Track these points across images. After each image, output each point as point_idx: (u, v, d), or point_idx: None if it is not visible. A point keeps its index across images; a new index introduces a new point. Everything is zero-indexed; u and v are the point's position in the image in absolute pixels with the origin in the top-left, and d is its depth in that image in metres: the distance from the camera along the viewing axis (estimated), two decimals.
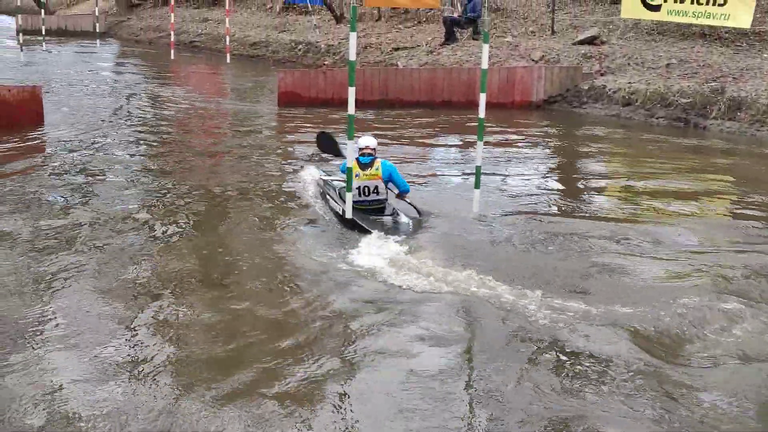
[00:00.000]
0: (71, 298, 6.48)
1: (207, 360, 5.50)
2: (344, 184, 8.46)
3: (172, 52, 27.03)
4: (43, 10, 32.34)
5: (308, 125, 14.64)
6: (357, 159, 8.44)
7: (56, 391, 5.03)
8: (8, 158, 11.73)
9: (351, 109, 8.19)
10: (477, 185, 8.97)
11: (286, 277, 7.07)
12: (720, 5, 17.04)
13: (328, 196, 9.11)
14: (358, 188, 8.44)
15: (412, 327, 6.08)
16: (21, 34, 28.90)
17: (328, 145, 10.73)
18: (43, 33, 29.81)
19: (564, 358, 5.60)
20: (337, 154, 10.44)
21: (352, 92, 8.14)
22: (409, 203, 8.86)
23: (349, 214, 8.21)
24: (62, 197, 9.57)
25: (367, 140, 8.69)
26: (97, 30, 33.11)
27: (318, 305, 6.46)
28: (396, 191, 8.82)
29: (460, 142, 13.90)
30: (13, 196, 9.62)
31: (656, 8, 17.98)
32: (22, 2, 30.65)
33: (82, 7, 44.80)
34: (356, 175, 8.34)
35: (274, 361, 5.47)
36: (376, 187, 8.46)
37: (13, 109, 13.88)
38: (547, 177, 11.60)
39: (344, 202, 8.28)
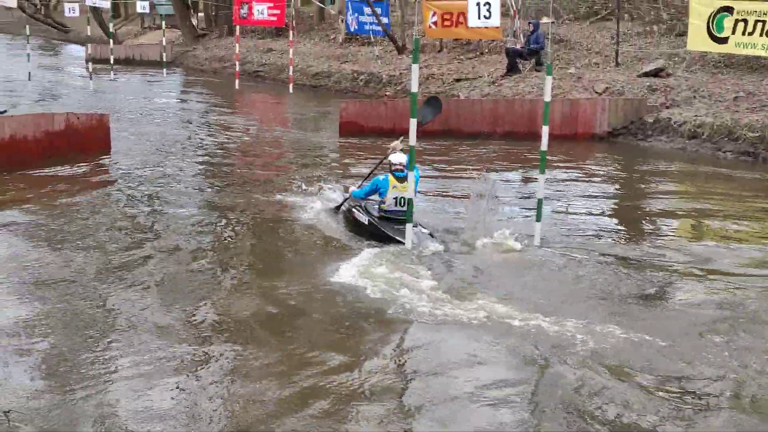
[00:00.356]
0: (133, 336, 6.49)
1: (270, 401, 5.46)
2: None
3: (237, 81, 27.34)
4: (111, 40, 32.96)
5: (369, 156, 14.67)
6: (393, 173, 9.19)
7: (117, 428, 5.03)
8: (75, 185, 11.93)
9: (412, 140, 8.18)
10: (538, 218, 8.90)
11: (348, 318, 7.02)
12: None
13: (354, 210, 9.66)
14: (395, 198, 9.19)
15: (481, 368, 6.07)
16: (90, 63, 29.55)
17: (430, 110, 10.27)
18: (112, 62, 30.37)
19: (613, 384, 5.56)
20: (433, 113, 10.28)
21: (413, 123, 8.13)
22: None
23: (409, 245, 8.28)
24: (127, 226, 9.66)
25: (401, 157, 9.25)
26: (164, 59, 33.63)
27: (377, 345, 6.42)
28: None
29: (522, 174, 13.81)
30: (78, 224, 9.78)
31: (723, 40, 17.69)
32: (92, 32, 31.27)
33: (150, 36, 45.63)
34: (393, 186, 9.16)
35: (337, 405, 5.42)
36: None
37: (82, 136, 14.13)
38: (609, 210, 11.46)
39: (369, 213, 9.36)
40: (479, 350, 6.26)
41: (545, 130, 8.81)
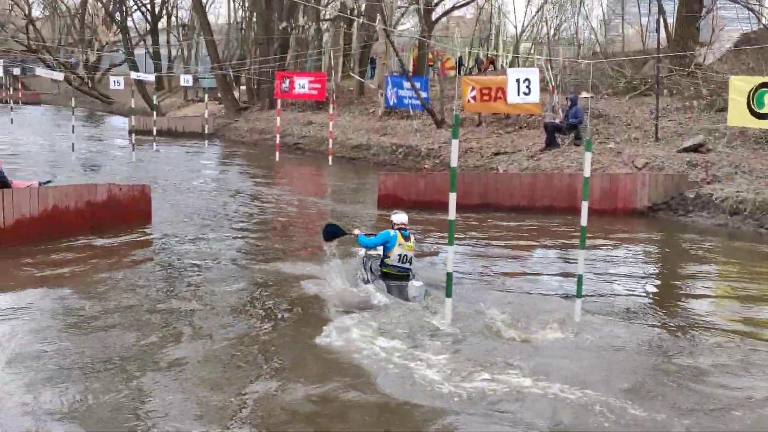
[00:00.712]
0: (176, 393, 6.47)
1: None
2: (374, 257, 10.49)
3: (277, 153, 27.62)
4: (154, 112, 33.56)
5: (409, 229, 14.67)
6: (400, 232, 9.97)
7: None
8: (116, 257, 12.04)
9: (452, 214, 8.17)
10: (579, 294, 8.80)
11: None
12: None
13: (365, 268, 10.53)
14: (400, 255, 9.93)
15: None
16: (133, 134, 30.06)
17: (332, 233, 10.83)
18: (154, 133, 30.87)
19: None
20: (342, 234, 10.89)
21: (453, 198, 8.14)
22: None
23: (448, 321, 8.24)
24: (163, 308, 9.63)
25: (403, 217, 10.19)
26: (205, 131, 34.14)
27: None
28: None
29: (561, 248, 13.70)
30: (120, 290, 9.85)
31: (764, 116, 17.58)
32: (135, 104, 31.86)
33: (192, 108, 46.37)
34: (399, 244, 9.90)
35: None
36: (412, 257, 9.98)
37: (124, 207, 14.29)
38: (649, 287, 11.31)
39: (372, 272, 10.21)
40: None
41: (585, 206, 8.76)
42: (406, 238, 9.96)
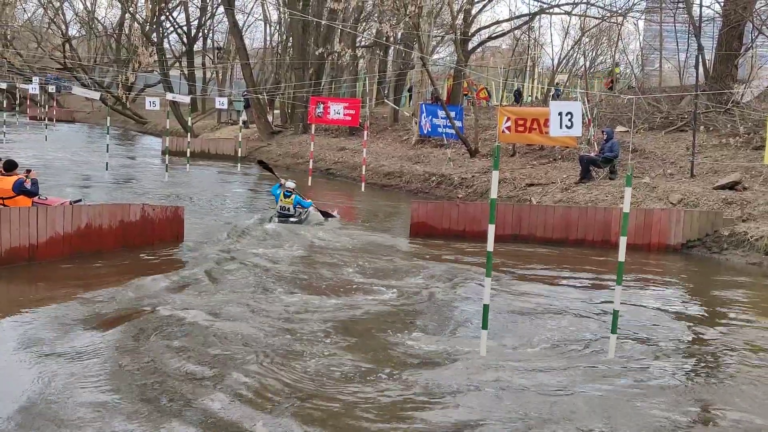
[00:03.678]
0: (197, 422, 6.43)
1: None
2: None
3: (309, 178, 27.67)
4: (188, 134, 33.77)
5: (442, 256, 14.63)
6: (284, 192, 17.72)
7: None
8: (149, 273, 12.06)
9: (490, 245, 8.11)
10: (614, 330, 8.70)
11: None
12: None
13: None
14: (281, 206, 17.78)
15: None
16: (167, 155, 30.23)
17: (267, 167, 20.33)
18: (188, 154, 31.04)
19: None
20: (271, 171, 20.43)
21: (491, 229, 8.08)
22: (319, 210, 18.93)
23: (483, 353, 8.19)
24: (195, 318, 9.67)
25: (291, 184, 18.04)
26: (238, 154, 34.29)
27: None
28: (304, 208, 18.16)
29: (594, 283, 13.57)
30: (148, 310, 9.83)
31: None
32: (170, 125, 32.10)
33: (226, 131, 46.63)
34: (281, 199, 17.75)
35: None
36: (290, 208, 17.74)
37: (156, 226, 14.37)
38: (684, 325, 11.14)
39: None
40: None
41: (623, 241, 8.66)
42: (287, 197, 17.68)
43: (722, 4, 26.97)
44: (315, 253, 15.12)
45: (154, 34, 55.17)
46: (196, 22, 58.25)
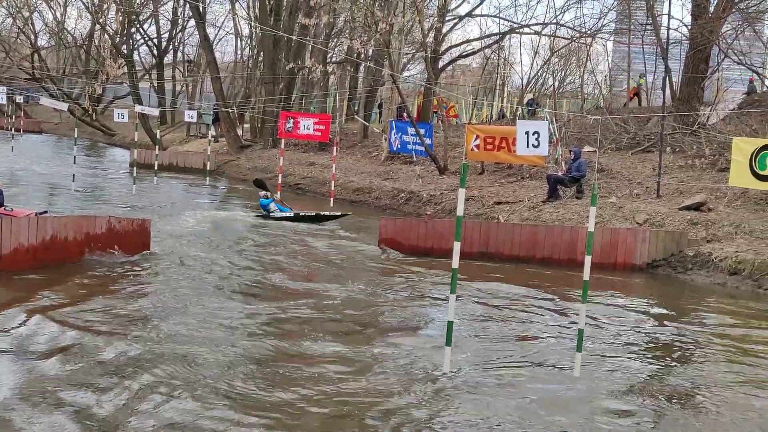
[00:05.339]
0: None
1: None
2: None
3: (279, 193, 27.58)
4: (157, 146, 33.62)
5: (407, 275, 14.65)
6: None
7: None
8: (112, 285, 12.00)
9: (455, 262, 8.13)
10: (579, 348, 8.74)
11: None
12: None
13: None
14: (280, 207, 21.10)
15: None
16: (135, 167, 30.05)
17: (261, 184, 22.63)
18: (156, 167, 30.87)
19: None
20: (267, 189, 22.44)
21: (457, 247, 8.10)
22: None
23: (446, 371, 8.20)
24: (162, 329, 9.62)
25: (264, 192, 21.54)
26: (207, 167, 34.15)
27: None
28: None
29: (559, 301, 13.64)
30: (114, 319, 9.77)
31: (766, 178, 17.49)
32: (138, 137, 31.95)
33: (194, 144, 46.44)
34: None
35: None
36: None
37: (122, 238, 14.28)
38: (649, 344, 11.23)
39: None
40: None
41: (588, 260, 8.73)
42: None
43: (689, 27, 27.28)
44: (279, 262, 15.17)
45: (125, 46, 54.96)
46: (166, 35, 58.19)
